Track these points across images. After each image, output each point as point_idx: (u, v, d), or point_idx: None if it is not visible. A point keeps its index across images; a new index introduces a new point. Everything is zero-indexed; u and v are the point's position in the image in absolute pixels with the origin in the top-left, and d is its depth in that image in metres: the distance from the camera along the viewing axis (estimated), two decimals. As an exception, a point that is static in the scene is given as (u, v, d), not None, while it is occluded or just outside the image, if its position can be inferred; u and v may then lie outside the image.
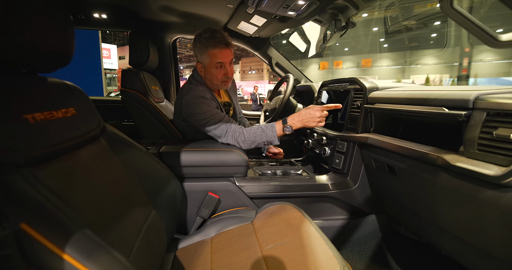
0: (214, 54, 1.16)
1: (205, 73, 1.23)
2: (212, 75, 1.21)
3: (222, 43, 1.15)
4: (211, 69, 1.19)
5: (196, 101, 1.14)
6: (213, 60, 1.17)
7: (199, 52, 1.18)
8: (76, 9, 1.53)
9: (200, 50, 1.17)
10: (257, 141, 1.11)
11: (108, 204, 0.54)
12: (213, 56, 1.16)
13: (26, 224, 0.35)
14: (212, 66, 1.18)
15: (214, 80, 1.22)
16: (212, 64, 1.18)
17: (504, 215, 0.54)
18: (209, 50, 1.16)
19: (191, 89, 1.18)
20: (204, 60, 1.19)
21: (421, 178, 0.77)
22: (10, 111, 0.42)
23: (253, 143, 1.11)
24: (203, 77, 1.25)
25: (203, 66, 1.21)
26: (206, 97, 1.16)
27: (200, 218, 1.00)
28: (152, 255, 0.60)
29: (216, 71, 1.19)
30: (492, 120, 0.58)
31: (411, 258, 1.09)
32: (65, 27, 0.52)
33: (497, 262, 0.62)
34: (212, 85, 1.26)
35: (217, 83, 1.23)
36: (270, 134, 1.10)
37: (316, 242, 0.69)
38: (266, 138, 1.10)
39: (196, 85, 1.21)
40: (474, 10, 11.00)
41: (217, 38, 1.15)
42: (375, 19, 16.96)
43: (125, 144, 0.72)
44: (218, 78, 1.21)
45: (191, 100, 1.15)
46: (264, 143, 1.12)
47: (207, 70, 1.21)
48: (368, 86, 1.05)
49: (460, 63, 13.14)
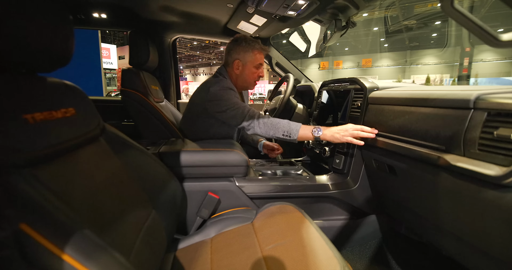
0: (258, 55, 1.30)
1: (242, 71, 1.31)
2: (250, 73, 1.31)
3: (265, 49, 1.33)
4: (251, 67, 1.30)
5: (226, 91, 1.21)
6: (256, 60, 1.30)
7: (244, 50, 1.28)
8: (76, 9, 1.53)
9: (246, 48, 1.28)
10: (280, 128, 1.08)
11: (108, 204, 0.54)
12: (257, 56, 1.30)
13: (26, 224, 0.34)
14: (253, 65, 1.30)
15: (249, 79, 1.32)
16: (254, 63, 1.30)
17: (505, 215, 0.54)
18: (255, 51, 1.29)
19: (220, 80, 1.25)
20: (247, 58, 1.29)
21: (421, 178, 0.77)
22: (10, 111, 0.42)
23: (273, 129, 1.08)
24: (237, 75, 1.32)
25: (243, 64, 1.29)
26: (234, 90, 1.24)
27: (200, 218, 0.99)
28: (152, 255, 0.60)
29: (254, 71, 1.31)
30: (493, 120, 0.58)
31: (412, 258, 1.09)
32: (64, 27, 0.52)
33: (497, 262, 0.62)
34: (243, 84, 1.34)
35: (250, 82, 1.34)
36: (294, 126, 1.07)
37: (317, 242, 0.69)
38: (289, 127, 1.07)
39: (225, 78, 1.29)
40: (475, 10, 11.00)
41: (260, 43, 1.31)
42: (375, 18, 16.95)
43: (125, 144, 0.72)
44: (254, 77, 1.33)
45: (220, 90, 1.21)
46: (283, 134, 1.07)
47: (246, 68, 1.30)
48: (368, 86, 1.05)
49: (460, 63, 13.12)
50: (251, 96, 9.90)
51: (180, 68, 21.96)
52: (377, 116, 0.96)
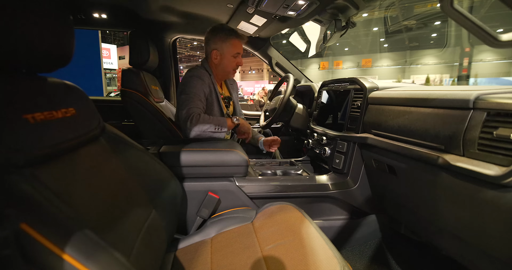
0: (236, 44, 1.32)
1: (220, 61, 1.33)
2: (228, 62, 1.33)
3: (243, 37, 1.33)
4: (229, 57, 1.32)
5: (191, 78, 1.26)
6: (234, 49, 1.32)
7: (221, 40, 1.30)
8: (76, 9, 1.53)
9: (223, 38, 1.29)
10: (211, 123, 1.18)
11: (108, 204, 0.54)
12: (234, 45, 1.31)
13: (26, 224, 0.34)
14: (230, 54, 1.32)
15: (227, 67, 1.35)
16: (231, 52, 1.32)
17: (504, 215, 0.54)
18: (232, 40, 1.30)
19: (193, 69, 1.31)
20: (224, 48, 1.31)
21: (421, 178, 0.77)
22: (10, 111, 0.42)
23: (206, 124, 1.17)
24: (215, 65, 1.35)
25: (221, 54, 1.32)
26: (202, 79, 1.27)
27: (200, 218, 0.99)
28: (152, 255, 0.60)
29: (232, 60, 1.34)
30: (492, 120, 0.58)
31: (411, 258, 1.09)
32: (65, 27, 0.52)
33: (497, 262, 0.62)
34: (223, 73, 1.38)
35: (229, 70, 1.37)
36: (222, 120, 1.21)
37: (316, 242, 0.69)
38: (218, 121, 1.20)
39: (200, 68, 1.32)
40: (475, 10, 11.01)
41: (238, 32, 1.32)
42: (375, 19, 16.96)
43: (125, 144, 0.72)
44: (232, 66, 1.35)
45: (186, 77, 1.27)
46: (216, 128, 1.19)
47: (224, 57, 1.32)
48: (368, 86, 1.05)
49: (460, 63, 13.13)
50: (251, 96, 9.85)
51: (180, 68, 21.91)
52: (377, 116, 0.96)
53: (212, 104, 1.32)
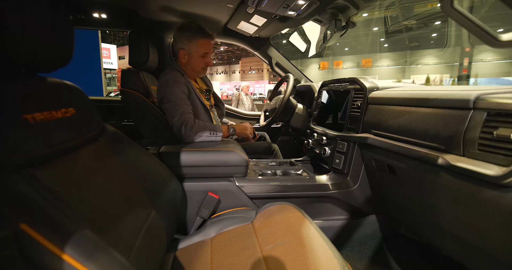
0: (203, 44, 1.27)
1: (188, 60, 1.31)
2: (196, 62, 1.31)
3: (210, 36, 1.28)
4: (197, 57, 1.29)
5: (166, 85, 1.23)
6: (201, 49, 1.28)
7: (188, 40, 1.27)
8: (76, 9, 1.52)
9: (189, 38, 1.25)
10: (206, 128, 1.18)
11: (108, 204, 0.54)
12: (201, 45, 1.27)
13: (26, 224, 0.34)
14: (198, 54, 1.29)
15: (196, 67, 1.32)
16: (199, 52, 1.28)
17: (504, 215, 0.54)
18: (199, 40, 1.26)
19: (166, 73, 1.27)
20: (191, 48, 1.27)
21: (421, 178, 0.77)
22: (10, 111, 0.42)
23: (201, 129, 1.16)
24: (184, 64, 1.33)
25: (188, 54, 1.29)
26: (179, 81, 1.25)
27: (200, 218, 0.99)
28: (152, 255, 0.60)
29: (200, 60, 1.31)
30: (492, 120, 0.58)
31: (411, 258, 1.09)
32: (65, 27, 0.52)
33: (497, 263, 0.62)
34: (192, 72, 1.35)
35: (198, 70, 1.34)
36: (217, 126, 1.22)
37: (316, 242, 0.69)
38: (213, 127, 1.20)
39: (172, 70, 1.29)
40: (475, 10, 11.01)
41: (206, 30, 1.27)
42: (375, 19, 16.95)
43: (125, 144, 0.72)
44: (201, 66, 1.32)
45: (164, 83, 1.23)
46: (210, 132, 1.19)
47: (191, 57, 1.30)
48: (368, 86, 1.05)
49: (460, 63, 13.12)
50: (252, 96, 9.84)
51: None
52: (377, 116, 0.96)
53: (194, 102, 1.30)
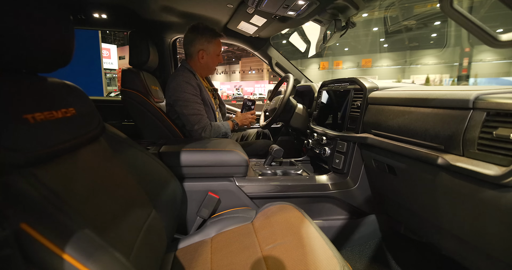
0: (219, 43, 1.39)
1: (206, 60, 1.38)
2: (212, 61, 1.40)
3: (222, 35, 1.38)
4: (214, 56, 1.39)
5: (180, 86, 1.29)
6: (218, 48, 1.39)
7: (207, 41, 1.34)
8: (76, 9, 1.52)
9: (209, 38, 1.34)
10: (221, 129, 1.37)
11: (108, 204, 0.54)
12: (218, 45, 1.39)
13: (26, 224, 0.35)
14: (215, 54, 1.39)
15: (212, 65, 1.42)
16: (216, 52, 1.39)
17: (504, 215, 0.54)
18: (216, 39, 1.36)
19: (177, 75, 1.33)
20: (210, 48, 1.36)
21: (421, 178, 0.77)
22: (10, 111, 0.42)
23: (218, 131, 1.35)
24: (201, 64, 1.39)
25: (207, 53, 1.35)
26: (191, 84, 1.30)
27: (200, 218, 0.99)
28: (152, 255, 0.60)
29: (216, 58, 1.41)
30: (492, 120, 0.58)
31: (411, 258, 1.09)
32: (65, 27, 0.52)
33: (497, 262, 0.62)
34: (207, 70, 1.44)
35: (212, 68, 1.44)
36: (226, 125, 1.39)
37: (316, 242, 0.69)
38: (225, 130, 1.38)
39: (183, 72, 1.34)
40: (474, 10, 11.01)
41: (216, 30, 1.36)
42: (375, 19, 16.96)
43: (125, 144, 0.72)
44: (215, 64, 1.43)
45: (177, 85, 1.29)
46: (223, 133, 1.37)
47: (210, 56, 1.38)
48: (368, 86, 1.05)
49: (460, 63, 13.13)
50: (251, 96, 9.86)
51: (180, 68, 21.88)
52: (377, 116, 0.96)
53: (204, 101, 1.37)
